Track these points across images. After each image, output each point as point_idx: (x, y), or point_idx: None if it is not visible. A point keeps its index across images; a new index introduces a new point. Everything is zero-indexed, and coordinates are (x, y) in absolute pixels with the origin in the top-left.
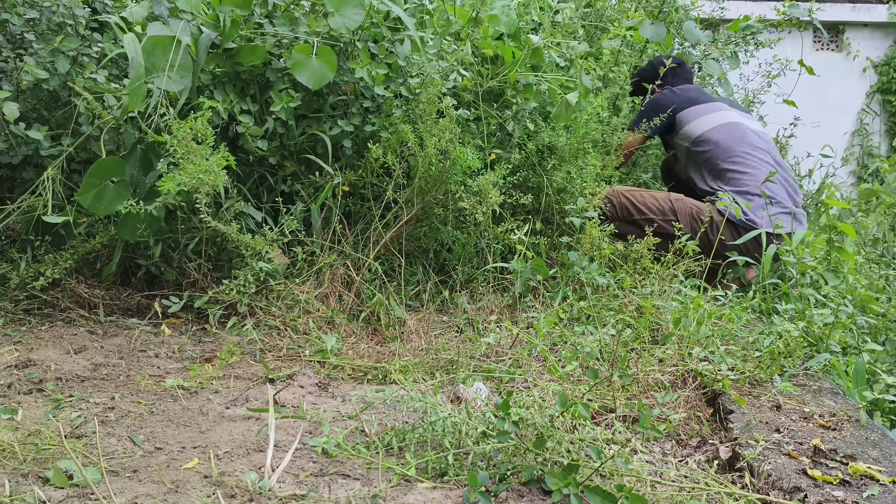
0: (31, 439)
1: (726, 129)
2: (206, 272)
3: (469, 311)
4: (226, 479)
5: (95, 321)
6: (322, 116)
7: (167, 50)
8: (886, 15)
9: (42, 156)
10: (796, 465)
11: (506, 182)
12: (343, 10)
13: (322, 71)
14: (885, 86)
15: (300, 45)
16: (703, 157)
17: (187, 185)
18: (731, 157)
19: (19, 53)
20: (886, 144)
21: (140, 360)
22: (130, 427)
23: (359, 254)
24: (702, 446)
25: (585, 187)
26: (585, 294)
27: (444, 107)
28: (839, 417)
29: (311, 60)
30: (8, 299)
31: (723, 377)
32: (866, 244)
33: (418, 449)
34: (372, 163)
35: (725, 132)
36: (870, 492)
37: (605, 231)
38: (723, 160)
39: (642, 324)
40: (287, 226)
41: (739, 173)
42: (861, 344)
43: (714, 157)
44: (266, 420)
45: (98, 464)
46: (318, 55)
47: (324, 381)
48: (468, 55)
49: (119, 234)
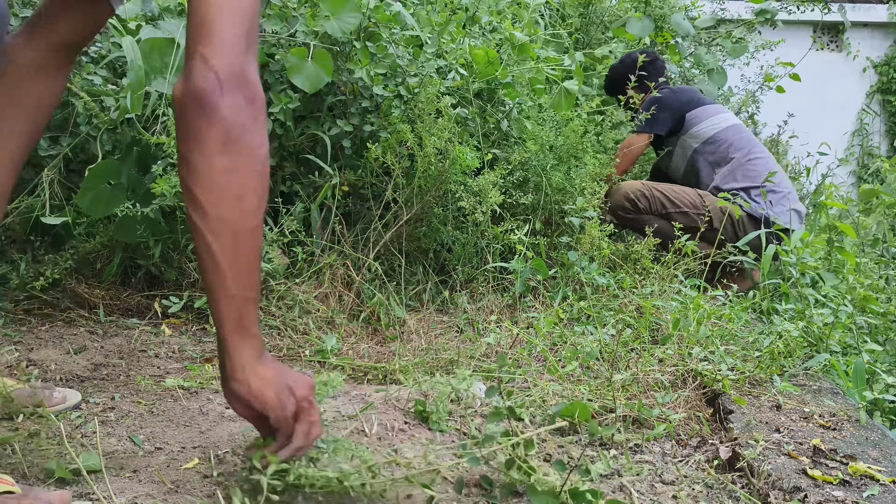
0: (31, 439)
1: (735, 130)
2: None
3: (469, 311)
4: (226, 480)
5: (95, 321)
6: (321, 117)
7: (164, 52)
8: (886, 15)
9: (41, 156)
10: (796, 465)
11: (506, 182)
12: (340, 15)
13: (318, 74)
14: (885, 86)
15: (296, 49)
16: (717, 157)
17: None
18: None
19: None
20: (886, 144)
21: (140, 360)
22: (130, 427)
23: (358, 254)
24: (702, 446)
25: (585, 187)
26: (585, 294)
27: (444, 106)
28: (839, 417)
29: (307, 64)
30: (8, 299)
31: (723, 377)
32: (866, 244)
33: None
34: (371, 163)
35: (735, 132)
36: (870, 492)
37: (604, 231)
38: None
39: (642, 324)
40: (287, 226)
41: (755, 171)
42: (861, 344)
43: (729, 155)
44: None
45: (99, 463)
46: (315, 59)
47: (324, 381)
48: (466, 52)
49: (115, 237)
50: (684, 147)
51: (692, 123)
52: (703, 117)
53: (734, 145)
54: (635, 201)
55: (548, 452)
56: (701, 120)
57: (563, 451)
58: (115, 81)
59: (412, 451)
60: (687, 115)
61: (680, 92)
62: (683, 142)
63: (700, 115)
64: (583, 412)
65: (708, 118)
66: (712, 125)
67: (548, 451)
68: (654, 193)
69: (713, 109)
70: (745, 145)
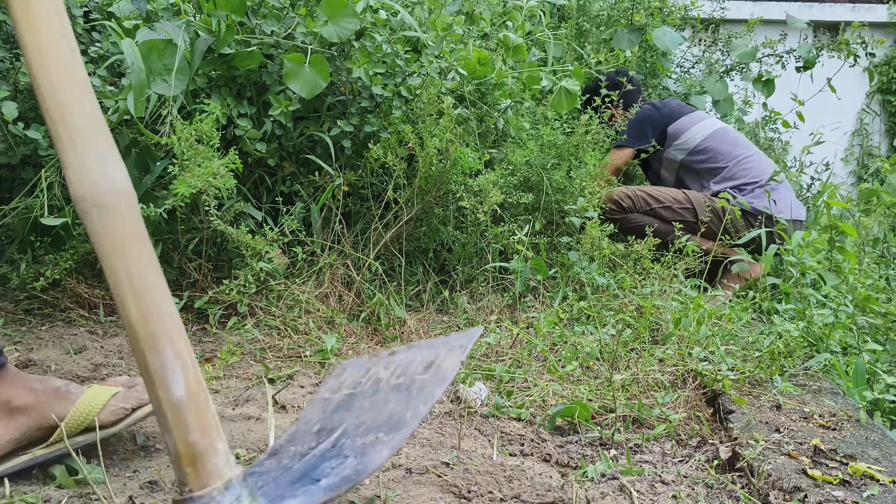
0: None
1: (720, 135)
2: (206, 272)
3: (469, 311)
4: None
5: (95, 321)
6: (321, 117)
7: (162, 54)
8: (886, 15)
9: (41, 156)
10: (796, 465)
11: (506, 182)
12: (337, 20)
13: (315, 80)
14: (885, 86)
15: (293, 55)
16: (705, 166)
17: (195, 186)
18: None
19: (17, 53)
20: (886, 144)
21: None
22: (130, 427)
23: (359, 253)
24: (702, 446)
25: (585, 187)
26: (585, 294)
27: (445, 107)
28: (839, 417)
29: (304, 69)
30: (8, 299)
31: (723, 377)
32: (867, 244)
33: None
34: (371, 163)
35: (720, 138)
36: (870, 492)
37: (604, 231)
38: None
39: (642, 324)
40: (287, 226)
41: (745, 170)
42: (861, 344)
43: (716, 162)
44: (266, 420)
45: (99, 463)
46: (311, 64)
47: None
48: (469, 54)
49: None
50: (670, 161)
51: (675, 136)
52: (684, 128)
53: (719, 152)
54: (619, 202)
55: (547, 452)
56: (683, 131)
57: (563, 451)
58: (114, 82)
59: (413, 451)
60: (668, 129)
61: (660, 105)
62: (669, 155)
63: (681, 127)
64: (583, 412)
65: (690, 128)
66: (695, 135)
67: (548, 452)
68: (638, 193)
69: (695, 118)
70: (728, 150)
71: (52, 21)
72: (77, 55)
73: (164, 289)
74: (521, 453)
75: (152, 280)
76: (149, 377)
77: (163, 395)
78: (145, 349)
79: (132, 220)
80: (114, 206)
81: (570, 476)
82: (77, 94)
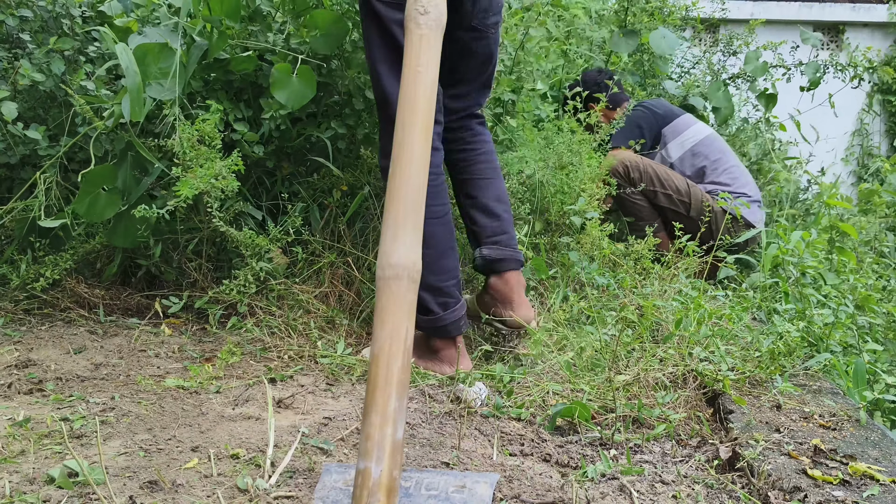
0: (31, 439)
1: (709, 141)
2: (206, 272)
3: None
4: (225, 480)
5: (95, 321)
6: (318, 118)
7: (158, 58)
8: (886, 15)
9: (40, 156)
10: (796, 465)
11: (506, 181)
12: (329, 29)
13: (301, 90)
14: (886, 86)
15: (280, 65)
16: (694, 170)
17: (197, 188)
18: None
19: (15, 53)
20: (886, 144)
21: (140, 360)
22: (130, 427)
23: (359, 252)
24: (702, 446)
25: (585, 188)
26: (586, 294)
27: None
28: (839, 417)
29: (291, 80)
30: (8, 299)
31: (723, 377)
32: (866, 244)
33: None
34: (369, 162)
35: (709, 144)
36: (870, 492)
37: (604, 231)
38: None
39: (643, 324)
40: (290, 224)
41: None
42: (861, 344)
43: (705, 167)
44: (266, 420)
45: (99, 463)
46: (298, 75)
47: (324, 380)
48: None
49: (109, 242)
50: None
51: (669, 138)
52: (677, 132)
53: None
54: (629, 169)
55: (547, 452)
56: (676, 134)
57: (563, 451)
58: (110, 84)
59: (413, 451)
60: (663, 131)
61: (654, 107)
62: (661, 157)
63: (675, 130)
64: (583, 412)
65: (683, 132)
66: (687, 139)
67: (548, 452)
68: (647, 169)
69: (688, 121)
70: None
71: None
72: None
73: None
74: (521, 453)
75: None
76: (385, 415)
77: (390, 433)
78: (392, 393)
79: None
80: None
81: (570, 476)
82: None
